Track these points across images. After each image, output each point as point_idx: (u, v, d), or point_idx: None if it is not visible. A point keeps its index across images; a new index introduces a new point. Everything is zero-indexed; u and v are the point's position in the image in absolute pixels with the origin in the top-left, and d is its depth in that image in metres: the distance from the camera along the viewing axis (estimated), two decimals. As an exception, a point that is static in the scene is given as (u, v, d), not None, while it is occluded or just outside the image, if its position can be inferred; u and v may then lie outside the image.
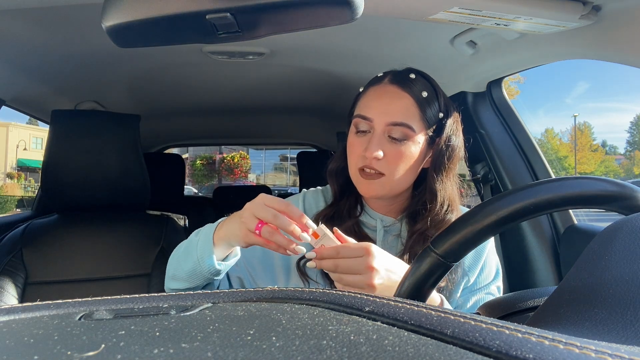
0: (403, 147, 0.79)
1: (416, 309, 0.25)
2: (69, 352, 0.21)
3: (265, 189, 3.15)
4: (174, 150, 4.00)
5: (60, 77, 1.50)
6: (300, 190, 0.97)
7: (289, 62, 1.46)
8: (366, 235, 0.85)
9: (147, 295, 0.32)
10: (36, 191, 2.15)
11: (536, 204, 0.47)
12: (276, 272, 0.85)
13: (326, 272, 0.69)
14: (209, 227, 0.76)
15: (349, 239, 0.68)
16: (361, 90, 0.87)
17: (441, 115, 0.82)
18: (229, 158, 24.90)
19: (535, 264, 1.30)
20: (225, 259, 0.76)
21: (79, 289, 1.25)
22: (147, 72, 1.53)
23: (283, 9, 0.44)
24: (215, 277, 0.76)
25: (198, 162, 24.88)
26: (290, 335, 0.23)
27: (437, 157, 0.82)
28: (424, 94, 0.80)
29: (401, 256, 0.82)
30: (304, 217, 0.66)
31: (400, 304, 0.26)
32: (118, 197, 1.34)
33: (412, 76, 0.82)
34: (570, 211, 1.29)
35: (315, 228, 0.66)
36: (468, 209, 0.64)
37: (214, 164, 25.29)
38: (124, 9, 0.43)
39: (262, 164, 27.52)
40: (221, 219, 0.77)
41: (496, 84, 1.38)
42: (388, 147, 0.79)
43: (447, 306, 0.76)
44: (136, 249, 1.32)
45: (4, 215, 2.21)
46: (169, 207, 1.74)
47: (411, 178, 0.84)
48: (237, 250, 0.78)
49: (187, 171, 3.86)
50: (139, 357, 0.20)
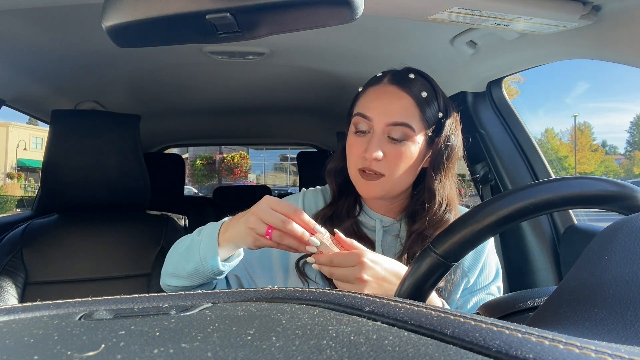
0: (403, 147, 0.79)
1: (416, 309, 0.25)
2: (69, 352, 0.21)
3: (265, 189, 3.15)
4: (174, 150, 4.00)
5: (60, 77, 1.50)
6: (300, 190, 0.96)
7: (289, 62, 1.46)
8: (365, 235, 0.85)
9: (147, 295, 0.32)
10: (36, 191, 2.15)
11: (536, 204, 0.47)
12: (274, 272, 0.85)
13: None
14: (211, 227, 0.76)
15: (349, 241, 0.69)
16: (360, 90, 0.87)
17: (440, 115, 0.82)
18: (229, 158, 24.90)
19: (535, 264, 1.30)
20: (228, 259, 0.76)
21: (79, 289, 1.25)
22: (147, 72, 1.53)
23: (283, 9, 0.44)
24: (218, 277, 0.76)
25: (198, 162, 24.88)
26: (290, 335, 0.22)
27: (436, 156, 0.82)
28: (424, 94, 0.80)
29: (400, 256, 0.82)
30: (311, 222, 0.67)
31: (400, 304, 0.26)
32: (118, 197, 1.34)
33: (412, 76, 0.82)
34: (570, 211, 1.29)
35: (323, 232, 0.67)
36: (468, 209, 0.65)
37: (214, 164, 25.29)
38: (124, 9, 0.43)
39: (262, 164, 27.53)
40: (224, 219, 0.77)
41: (496, 84, 1.38)
42: (388, 147, 0.79)
43: (446, 306, 0.76)
44: (136, 249, 1.32)
45: (4, 215, 2.21)
46: (169, 207, 1.74)
47: (411, 178, 0.84)
48: (241, 250, 0.78)
49: (187, 171, 3.86)
50: (139, 357, 0.20)
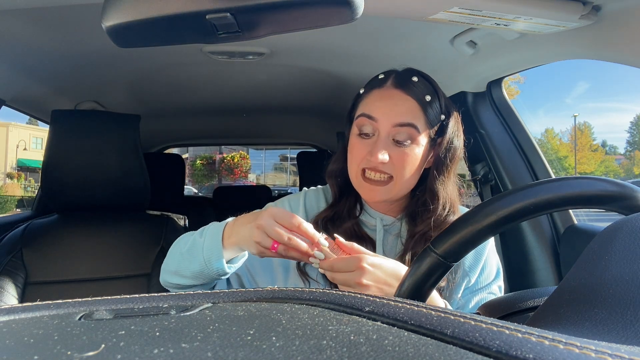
0: (407, 149, 0.79)
1: (416, 309, 0.25)
2: (69, 352, 0.21)
3: (265, 189, 3.15)
4: (174, 150, 4.00)
5: (60, 77, 1.50)
6: (301, 190, 0.96)
7: (289, 62, 1.46)
8: (366, 235, 0.85)
9: (147, 295, 0.32)
10: (36, 191, 2.15)
11: (536, 204, 0.47)
12: (275, 271, 0.85)
13: None
14: (214, 229, 0.76)
15: (349, 244, 0.69)
16: (362, 91, 0.86)
17: (443, 117, 0.82)
18: (229, 158, 24.90)
19: (535, 264, 1.30)
20: (232, 260, 0.76)
21: (79, 289, 1.25)
22: (147, 72, 1.53)
23: (283, 9, 0.44)
24: (222, 277, 0.77)
25: (198, 162, 24.88)
26: (290, 335, 0.22)
27: (438, 158, 0.83)
28: (427, 98, 0.80)
29: (402, 257, 0.82)
30: (316, 235, 0.67)
31: (400, 304, 0.26)
32: (118, 197, 1.34)
33: (415, 79, 0.82)
34: (570, 211, 1.29)
35: (326, 245, 0.67)
36: (468, 209, 0.65)
37: (214, 164, 25.29)
38: (124, 9, 0.43)
39: (262, 164, 27.52)
40: (228, 219, 0.77)
41: (496, 84, 1.38)
42: (393, 150, 0.79)
43: (448, 307, 0.76)
44: (136, 249, 1.32)
45: (4, 215, 2.21)
46: (169, 207, 1.74)
47: (415, 180, 0.84)
48: (245, 252, 0.78)
49: (187, 171, 3.86)
50: (139, 357, 0.20)
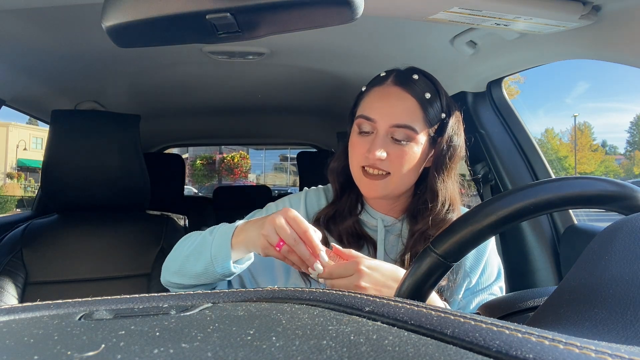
0: (406, 147, 0.79)
1: (416, 309, 0.25)
2: (69, 352, 0.21)
3: (265, 189, 3.15)
4: (174, 150, 4.00)
5: (60, 77, 1.50)
6: (301, 191, 0.96)
7: (289, 62, 1.46)
8: (367, 235, 0.85)
9: (147, 295, 0.32)
10: (36, 191, 2.14)
11: (536, 204, 0.47)
12: (276, 272, 0.85)
13: None
14: (225, 228, 0.76)
15: (347, 251, 0.69)
16: (363, 89, 0.87)
17: (443, 115, 0.82)
18: (229, 158, 24.90)
19: (535, 264, 1.30)
20: (238, 262, 0.76)
21: (79, 289, 1.25)
22: (147, 72, 1.53)
23: (283, 9, 0.44)
24: (226, 279, 0.77)
25: (198, 162, 24.87)
26: (290, 335, 0.22)
27: (438, 156, 0.83)
28: (427, 95, 0.80)
29: (402, 256, 0.82)
30: (319, 247, 0.67)
31: (400, 304, 0.26)
32: (118, 197, 1.34)
33: (415, 77, 0.82)
34: (570, 211, 1.29)
35: (326, 259, 0.68)
36: (468, 209, 0.65)
37: (214, 164, 25.28)
38: (124, 9, 0.43)
39: (262, 164, 27.52)
40: (240, 221, 0.78)
41: (496, 84, 1.38)
42: (391, 147, 0.79)
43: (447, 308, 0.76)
44: (136, 249, 1.32)
45: (4, 215, 2.21)
46: (169, 207, 1.74)
47: (414, 178, 0.84)
48: (252, 254, 0.78)
49: (187, 171, 3.86)
50: (139, 357, 0.20)
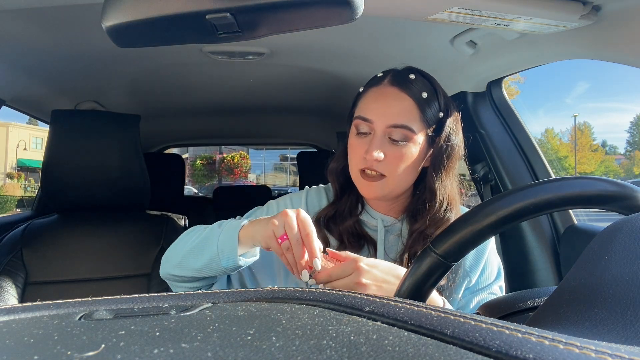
0: (404, 148, 0.79)
1: (416, 309, 0.25)
2: (69, 352, 0.21)
3: (266, 189, 3.15)
4: (174, 150, 4.00)
5: (60, 77, 1.50)
6: (303, 189, 0.96)
7: (289, 62, 1.46)
8: (367, 235, 0.85)
9: (147, 295, 0.32)
10: (36, 191, 2.14)
11: (536, 204, 0.47)
12: (276, 269, 0.86)
13: None
14: (234, 222, 0.76)
15: (343, 254, 0.69)
16: (361, 90, 0.87)
17: (441, 114, 0.82)
18: (229, 158, 24.90)
19: (535, 264, 1.30)
20: (243, 256, 0.76)
21: (79, 289, 1.25)
22: (147, 72, 1.53)
23: (283, 9, 0.44)
24: (229, 273, 0.77)
25: (198, 162, 24.87)
26: (290, 335, 0.22)
27: (436, 156, 0.82)
28: (424, 95, 0.80)
29: (401, 256, 0.82)
30: (316, 253, 0.67)
31: (400, 304, 0.26)
32: (118, 197, 1.34)
33: (412, 76, 0.81)
34: (570, 211, 1.29)
35: (319, 269, 0.68)
36: (468, 209, 0.65)
37: (214, 164, 25.28)
38: (124, 9, 0.43)
39: (262, 164, 27.52)
40: (248, 218, 0.78)
41: (496, 84, 1.38)
42: (388, 148, 0.79)
43: (449, 307, 0.76)
44: (136, 248, 1.32)
45: (4, 215, 2.21)
46: (169, 207, 1.74)
47: (412, 178, 0.84)
48: (257, 250, 0.78)
49: (187, 171, 3.86)
50: (139, 357, 0.20)
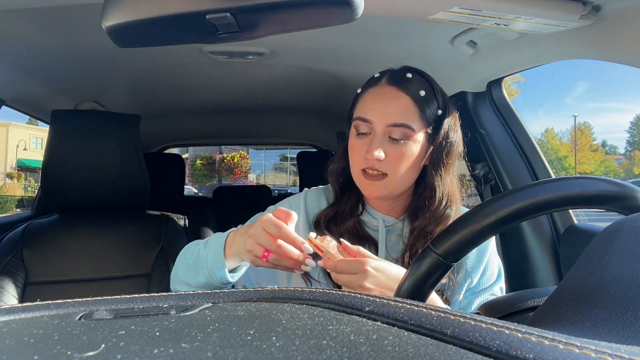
0: (404, 147, 0.79)
1: (416, 309, 0.25)
2: (69, 352, 0.21)
3: (266, 189, 3.15)
4: (174, 150, 4.00)
5: (60, 77, 1.50)
6: (301, 191, 0.96)
7: (289, 62, 1.46)
8: (368, 235, 0.85)
9: (147, 295, 0.32)
10: (36, 191, 2.14)
11: (536, 204, 0.47)
12: (279, 275, 0.86)
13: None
14: (217, 240, 0.77)
15: (355, 248, 0.69)
16: (359, 91, 0.87)
17: (440, 112, 0.82)
18: (229, 158, 24.90)
19: (535, 264, 1.30)
20: (235, 270, 0.78)
21: (79, 289, 1.25)
22: (147, 72, 1.53)
23: (283, 9, 0.44)
24: (227, 285, 0.79)
25: (198, 162, 24.87)
26: (290, 335, 0.22)
27: (435, 153, 0.82)
28: (422, 93, 0.80)
29: (403, 255, 0.82)
30: (298, 239, 0.66)
31: (400, 304, 0.26)
32: (118, 197, 1.34)
33: (409, 75, 0.81)
34: (570, 211, 1.29)
35: (310, 251, 0.67)
36: (468, 209, 0.65)
37: (214, 164, 25.28)
38: (124, 9, 0.43)
39: (262, 164, 27.52)
40: (231, 229, 0.79)
41: (496, 84, 1.38)
42: (389, 147, 0.79)
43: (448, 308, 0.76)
44: (136, 248, 1.32)
45: (4, 215, 2.21)
46: (169, 207, 1.74)
47: (413, 176, 0.84)
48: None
49: (187, 171, 3.85)
50: (139, 357, 0.20)
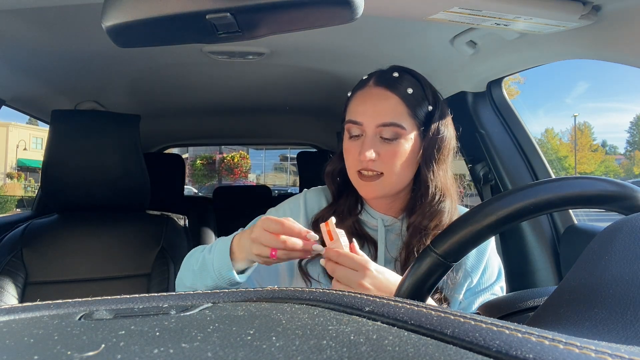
0: (396, 145, 0.80)
1: (416, 309, 0.25)
2: (69, 352, 0.21)
3: (266, 189, 3.15)
4: (174, 150, 3.99)
5: (60, 77, 1.50)
6: (301, 191, 0.96)
7: (289, 62, 1.46)
8: (367, 234, 0.86)
9: (147, 295, 0.32)
10: (36, 191, 2.14)
11: (536, 204, 0.48)
12: (281, 275, 0.86)
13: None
14: (222, 244, 0.77)
15: (361, 253, 0.69)
16: (349, 94, 0.88)
17: (430, 108, 0.82)
18: (229, 158, 24.90)
19: (535, 264, 1.30)
20: (244, 271, 0.77)
21: (79, 289, 1.25)
22: (147, 72, 1.53)
23: (283, 9, 0.44)
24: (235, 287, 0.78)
25: (198, 162, 24.88)
26: (290, 335, 0.23)
27: (427, 149, 0.82)
28: (409, 91, 0.80)
29: (400, 252, 0.82)
30: (302, 232, 0.67)
31: (400, 304, 0.26)
32: (118, 197, 1.34)
33: (396, 75, 0.82)
34: (570, 211, 1.29)
35: (316, 238, 0.67)
36: (468, 209, 0.65)
37: (214, 164, 25.28)
38: (124, 9, 0.43)
39: (262, 164, 27.52)
40: (235, 233, 0.79)
41: (496, 84, 1.38)
42: (381, 147, 0.80)
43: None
44: (136, 248, 1.32)
45: (4, 215, 2.21)
46: (169, 207, 1.74)
47: (409, 174, 0.84)
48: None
49: (187, 171, 3.85)
50: (139, 357, 0.20)
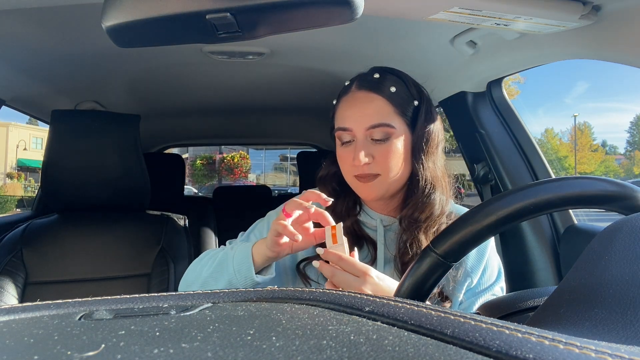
0: (388, 145, 0.80)
1: (416, 309, 0.25)
2: (69, 352, 0.21)
3: (266, 189, 3.15)
4: (174, 150, 3.99)
5: (60, 77, 1.50)
6: (301, 191, 0.97)
7: (289, 62, 1.46)
8: (367, 235, 0.86)
9: (147, 295, 0.32)
10: (36, 191, 2.14)
11: (536, 204, 0.47)
12: (284, 278, 0.86)
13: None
14: (244, 243, 0.78)
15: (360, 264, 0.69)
16: (334, 102, 0.88)
17: (416, 102, 0.83)
18: (229, 158, 24.90)
19: (535, 264, 1.30)
20: (260, 273, 0.77)
21: (79, 289, 1.25)
22: (147, 72, 1.53)
23: (283, 9, 0.44)
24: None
25: (198, 162, 24.88)
26: (290, 335, 0.23)
27: (415, 143, 0.83)
28: (393, 89, 0.81)
29: (396, 248, 0.83)
30: (309, 206, 0.71)
31: (400, 304, 0.26)
32: (118, 197, 1.34)
33: (377, 76, 0.82)
34: (570, 211, 1.29)
35: (339, 236, 0.68)
36: (468, 209, 0.65)
37: (214, 164, 25.29)
38: (124, 9, 0.43)
39: (262, 164, 27.54)
40: (252, 232, 0.85)
41: (496, 84, 1.38)
42: (374, 149, 0.80)
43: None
44: (136, 248, 1.32)
45: (4, 215, 2.21)
46: (169, 207, 1.74)
47: (406, 170, 0.84)
48: (272, 270, 0.79)
49: (187, 171, 3.85)
50: (139, 357, 0.20)
